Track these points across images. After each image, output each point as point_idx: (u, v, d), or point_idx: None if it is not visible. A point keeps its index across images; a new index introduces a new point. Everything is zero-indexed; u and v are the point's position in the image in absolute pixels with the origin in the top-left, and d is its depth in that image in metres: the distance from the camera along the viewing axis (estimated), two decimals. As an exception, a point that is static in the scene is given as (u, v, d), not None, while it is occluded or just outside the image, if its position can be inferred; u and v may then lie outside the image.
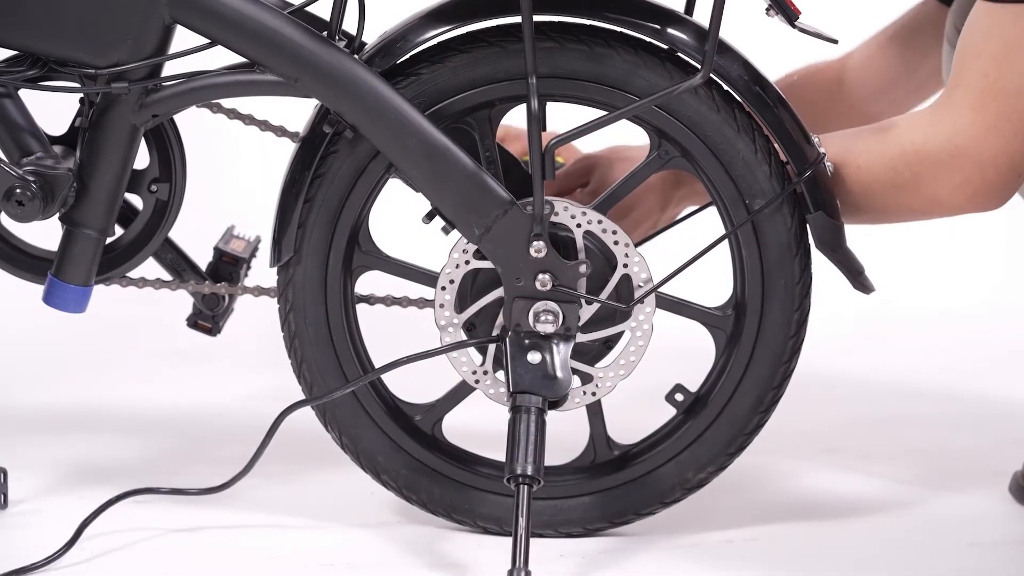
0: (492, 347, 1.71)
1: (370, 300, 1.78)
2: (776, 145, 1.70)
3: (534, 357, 1.66)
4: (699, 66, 1.64)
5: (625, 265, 1.70)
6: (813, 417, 2.21)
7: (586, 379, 1.73)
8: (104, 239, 1.73)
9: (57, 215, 1.72)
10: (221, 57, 1.69)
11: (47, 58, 1.69)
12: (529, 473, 1.61)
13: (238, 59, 1.70)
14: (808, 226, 1.72)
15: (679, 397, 1.77)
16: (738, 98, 1.70)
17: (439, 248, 1.74)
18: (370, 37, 1.73)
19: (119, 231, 1.76)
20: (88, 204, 1.71)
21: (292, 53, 1.65)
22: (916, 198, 1.68)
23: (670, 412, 1.78)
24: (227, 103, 1.75)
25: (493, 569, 1.64)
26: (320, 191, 1.71)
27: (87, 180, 1.70)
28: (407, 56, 1.69)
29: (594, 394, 1.73)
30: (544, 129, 1.68)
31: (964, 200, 1.66)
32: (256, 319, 2.19)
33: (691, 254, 1.70)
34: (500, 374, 1.72)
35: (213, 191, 2.35)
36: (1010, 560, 1.72)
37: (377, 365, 1.76)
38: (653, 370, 1.81)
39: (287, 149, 1.74)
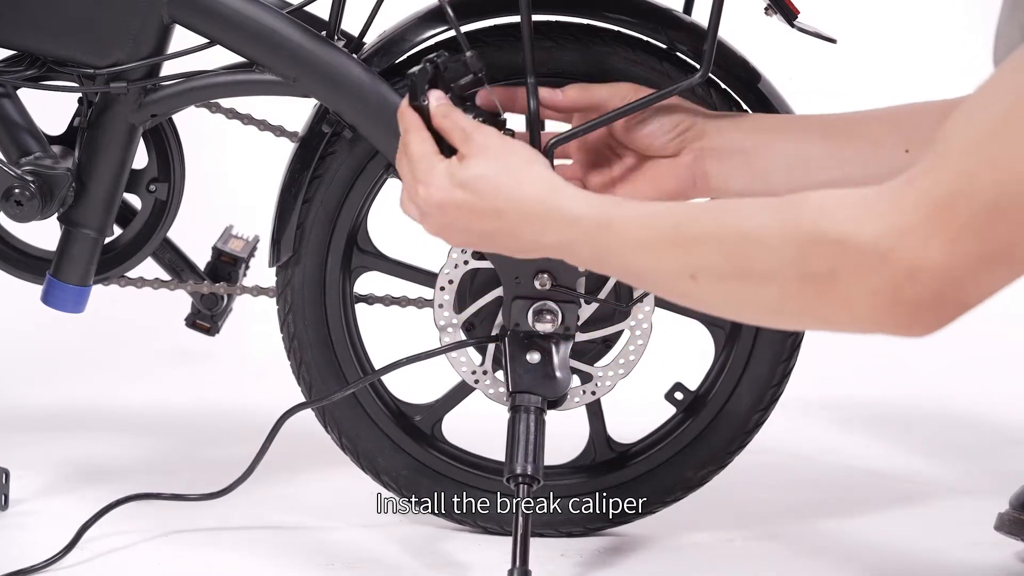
0: (491, 347, 1.71)
1: (369, 300, 1.78)
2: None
3: (533, 357, 1.66)
4: (698, 65, 1.64)
5: (624, 264, 1.70)
6: (813, 416, 2.21)
7: (586, 378, 1.73)
8: (103, 239, 1.73)
9: (56, 215, 1.72)
10: (220, 57, 1.69)
11: (46, 58, 1.69)
12: (529, 473, 1.61)
13: (237, 59, 1.70)
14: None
15: (679, 396, 1.77)
16: (736, 97, 1.70)
17: (438, 248, 1.74)
18: (370, 37, 1.73)
19: (118, 231, 1.76)
20: (87, 204, 1.71)
21: (291, 53, 1.65)
22: (824, 298, 1.23)
23: (670, 411, 1.78)
24: (225, 103, 1.75)
25: (493, 569, 1.64)
26: (319, 191, 1.71)
27: (86, 180, 1.70)
28: (406, 56, 1.69)
29: (594, 393, 1.73)
30: (543, 129, 1.68)
31: (880, 312, 1.21)
32: (255, 319, 2.19)
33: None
34: (499, 374, 1.72)
35: (212, 191, 2.35)
36: (1010, 561, 1.72)
37: (376, 365, 1.76)
38: (653, 369, 1.80)
39: (286, 149, 1.74)
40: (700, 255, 1.29)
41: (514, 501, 1.60)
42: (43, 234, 1.79)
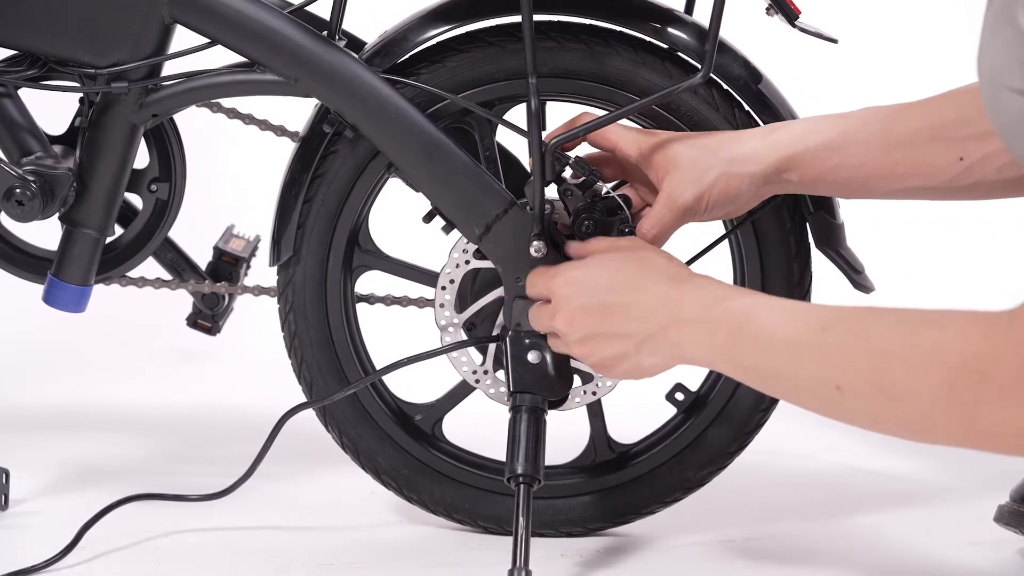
0: (492, 347, 1.71)
1: (370, 300, 1.78)
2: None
3: (534, 357, 1.66)
4: (699, 65, 1.64)
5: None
6: (813, 416, 2.21)
7: (586, 378, 1.73)
8: (104, 239, 1.73)
9: (57, 215, 1.72)
10: (221, 57, 1.69)
11: (47, 58, 1.69)
12: (529, 473, 1.61)
13: (238, 58, 1.70)
14: (808, 226, 1.72)
15: (679, 396, 1.77)
16: (738, 97, 1.70)
17: (439, 248, 1.74)
18: (370, 37, 1.73)
19: (119, 231, 1.76)
20: (88, 204, 1.71)
21: (292, 53, 1.65)
22: (972, 426, 1.25)
23: (671, 411, 1.78)
24: (227, 102, 1.75)
25: (493, 569, 1.64)
26: (320, 191, 1.71)
27: (87, 180, 1.70)
28: (407, 56, 1.69)
29: (594, 393, 1.73)
30: (544, 128, 1.68)
31: None
32: (256, 318, 2.19)
33: (691, 254, 1.70)
34: (500, 374, 1.72)
35: (213, 190, 2.36)
36: (1010, 560, 1.72)
37: (377, 364, 1.76)
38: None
39: (287, 148, 1.74)
40: (845, 366, 1.30)
41: (514, 501, 1.60)
42: (44, 234, 1.79)
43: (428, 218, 1.73)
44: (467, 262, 1.70)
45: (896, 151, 1.59)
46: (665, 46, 1.69)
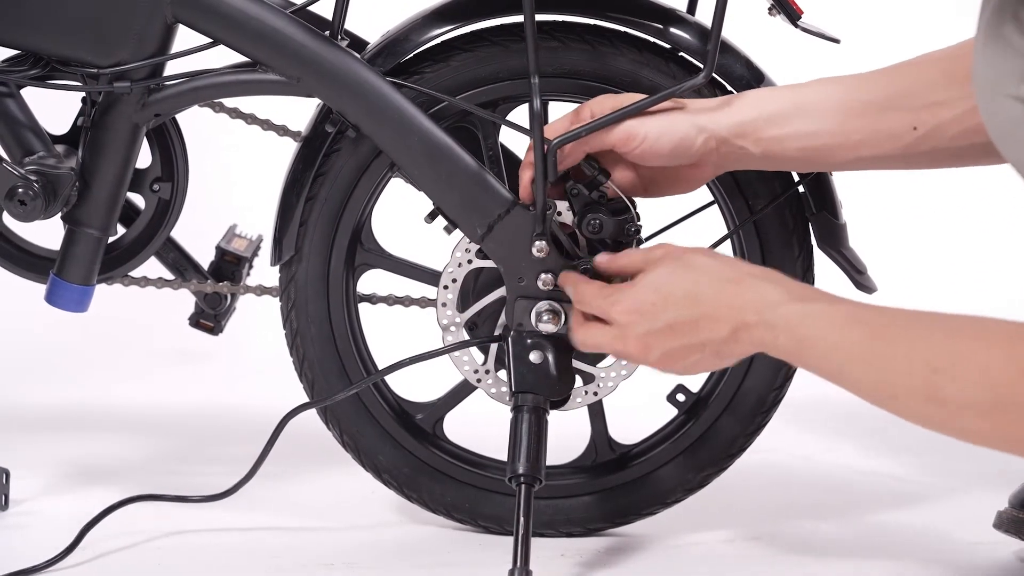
0: (494, 347, 1.71)
1: (372, 299, 1.78)
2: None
3: (536, 357, 1.66)
4: (701, 66, 1.65)
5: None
6: (813, 417, 2.21)
7: (588, 379, 1.73)
8: (106, 238, 1.73)
9: (59, 214, 1.72)
10: (223, 56, 1.69)
11: (50, 57, 1.69)
12: (530, 473, 1.61)
13: (240, 58, 1.70)
14: (810, 226, 1.72)
15: (680, 397, 1.77)
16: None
17: (441, 247, 1.74)
18: (372, 37, 1.73)
19: (121, 230, 1.76)
20: (90, 203, 1.71)
21: (294, 52, 1.65)
22: (1019, 444, 1.32)
23: (671, 412, 1.78)
24: (229, 102, 1.75)
25: (494, 569, 1.64)
26: (322, 190, 1.71)
27: (89, 179, 1.71)
28: (410, 55, 1.70)
29: (596, 394, 1.73)
30: (546, 124, 1.68)
31: None
32: (258, 318, 2.19)
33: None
34: (502, 374, 1.72)
35: (215, 190, 2.35)
36: (1010, 561, 1.72)
37: (379, 363, 1.76)
38: (655, 370, 1.80)
39: (289, 148, 1.74)
40: (898, 376, 1.35)
41: (515, 501, 1.60)
42: (47, 233, 1.79)
43: (430, 218, 1.73)
44: (469, 261, 1.70)
45: (850, 121, 1.60)
46: (668, 46, 1.69)
